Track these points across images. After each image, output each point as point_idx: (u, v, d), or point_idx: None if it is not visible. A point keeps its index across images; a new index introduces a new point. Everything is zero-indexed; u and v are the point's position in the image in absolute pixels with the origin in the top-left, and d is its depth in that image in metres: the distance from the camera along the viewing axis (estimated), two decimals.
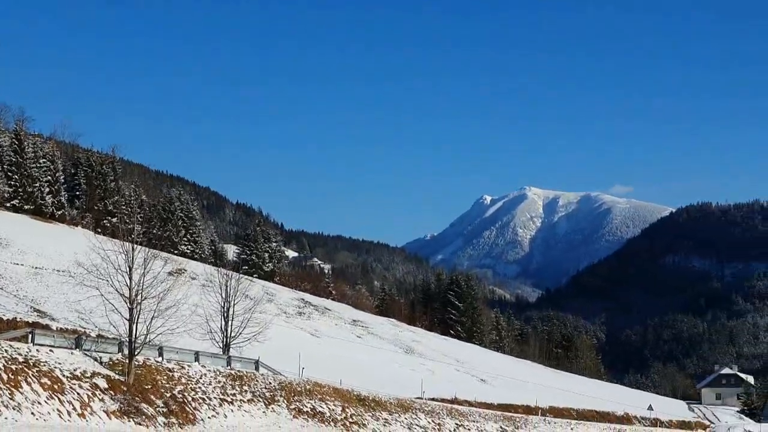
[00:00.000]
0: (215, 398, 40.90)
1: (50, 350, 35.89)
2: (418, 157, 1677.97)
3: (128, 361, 37.58)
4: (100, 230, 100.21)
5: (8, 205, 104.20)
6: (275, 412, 43.80)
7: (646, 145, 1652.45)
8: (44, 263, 78.12)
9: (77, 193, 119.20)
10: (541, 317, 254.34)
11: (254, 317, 52.60)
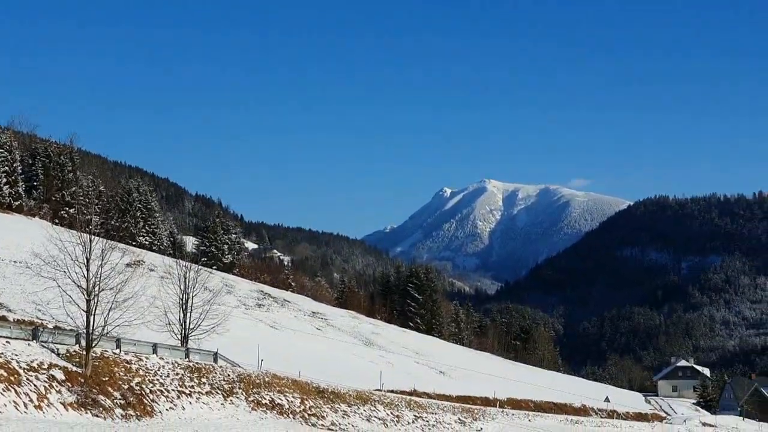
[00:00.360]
0: (173, 390, 40.75)
1: (6, 342, 35.56)
2: (378, 149, 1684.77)
3: (85, 352, 37.30)
4: (57, 221, 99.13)
5: None
6: (233, 404, 43.75)
7: (604, 138, 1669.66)
8: (0, 254, 77.18)
9: (35, 183, 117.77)
10: (500, 309, 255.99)
11: (213, 309, 52.31)
